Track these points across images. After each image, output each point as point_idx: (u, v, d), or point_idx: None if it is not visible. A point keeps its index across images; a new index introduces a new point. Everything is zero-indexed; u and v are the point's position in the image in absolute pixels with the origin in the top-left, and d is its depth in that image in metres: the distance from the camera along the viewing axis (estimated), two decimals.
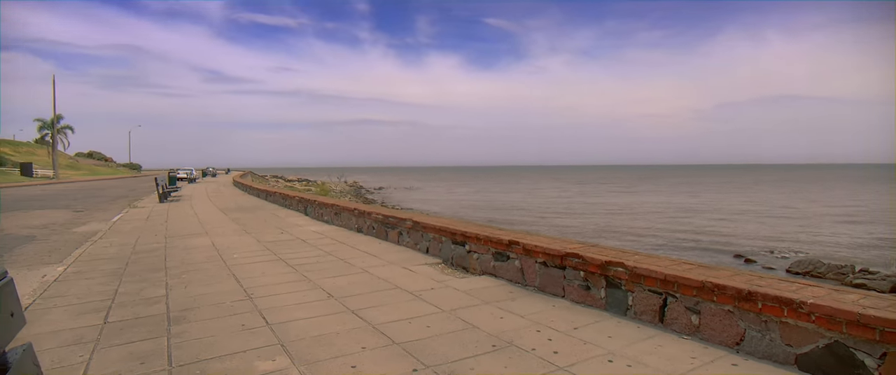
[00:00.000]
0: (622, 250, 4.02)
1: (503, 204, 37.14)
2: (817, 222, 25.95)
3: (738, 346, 2.85)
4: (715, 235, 21.10)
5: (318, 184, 24.89)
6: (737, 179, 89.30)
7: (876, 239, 20.15)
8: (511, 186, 67.37)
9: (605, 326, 3.32)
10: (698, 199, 41.89)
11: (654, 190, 57.85)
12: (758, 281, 2.93)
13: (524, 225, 22.93)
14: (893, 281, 11.29)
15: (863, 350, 2.36)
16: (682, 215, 29.39)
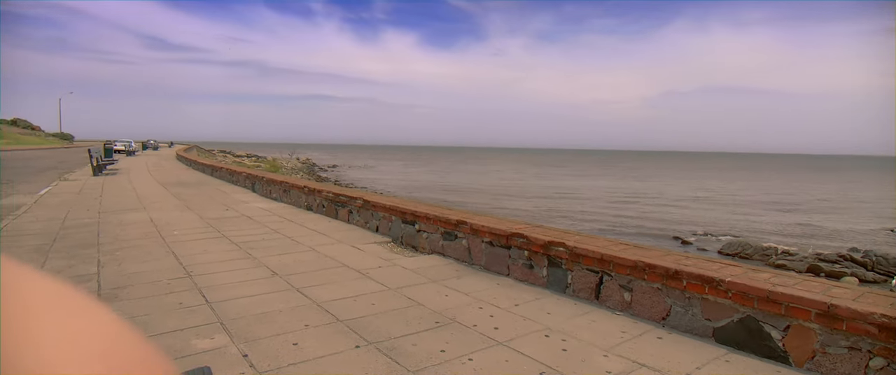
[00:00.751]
0: (564, 231, 4.16)
1: (459, 186, 37.42)
2: (752, 208, 27.79)
3: (664, 321, 3.05)
4: (657, 219, 22.20)
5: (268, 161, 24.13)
6: (682, 166, 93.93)
7: (798, 225, 21.83)
8: (468, 167, 67.88)
9: (545, 303, 3.45)
10: (645, 184, 43.79)
11: (605, 174, 59.96)
12: (684, 261, 3.12)
13: (478, 206, 23.24)
14: (809, 262, 12.32)
15: (770, 323, 2.58)
16: (629, 199, 30.68)
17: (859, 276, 11.51)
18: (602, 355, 2.62)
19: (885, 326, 2.19)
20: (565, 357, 2.60)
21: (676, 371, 2.44)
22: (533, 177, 52.07)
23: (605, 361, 2.55)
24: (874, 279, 11.65)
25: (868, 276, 11.69)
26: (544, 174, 57.80)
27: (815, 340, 2.42)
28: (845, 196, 37.46)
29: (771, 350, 2.57)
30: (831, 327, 2.37)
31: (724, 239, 16.15)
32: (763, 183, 50.66)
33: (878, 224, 22.71)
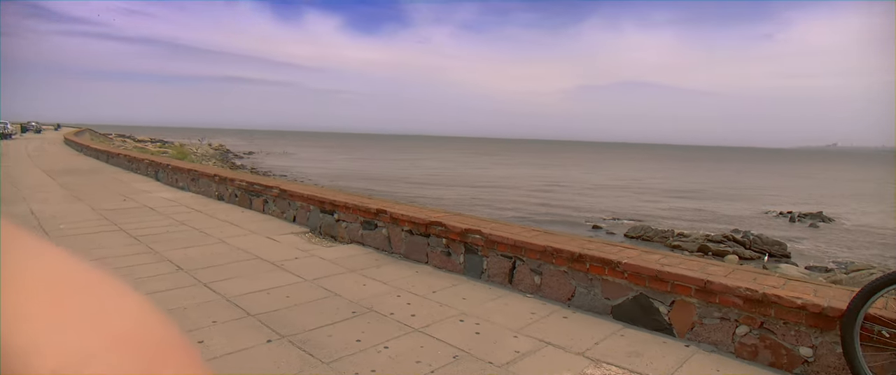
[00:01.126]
0: (481, 218, 4.30)
1: (384, 174, 37.12)
2: (656, 195, 30.26)
3: (569, 301, 3.26)
4: (574, 206, 23.53)
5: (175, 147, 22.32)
6: (597, 156, 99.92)
7: (694, 210, 24.15)
8: (395, 156, 67.47)
9: (462, 289, 3.56)
10: (564, 173, 46.12)
11: (528, 163, 62.34)
12: (588, 245, 3.35)
13: (403, 195, 23.23)
14: (700, 242, 13.71)
15: (659, 300, 2.86)
16: (549, 187, 32.17)
17: (740, 254, 13.02)
18: (512, 336, 2.76)
19: (748, 298, 2.51)
20: (478, 339, 2.71)
21: (578, 347, 2.63)
22: (460, 165, 52.92)
23: (515, 341, 2.69)
24: (751, 256, 13.24)
25: (746, 254, 13.25)
26: (471, 163, 58.95)
27: (695, 313, 2.72)
28: (734, 183, 41.97)
29: (658, 323, 2.85)
30: (707, 301, 2.67)
31: (629, 224, 17.50)
32: (667, 171, 55.38)
33: (757, 207, 25.71)
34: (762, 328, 2.50)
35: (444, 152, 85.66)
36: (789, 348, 2.42)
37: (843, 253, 15.67)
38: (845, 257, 14.73)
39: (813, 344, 2.36)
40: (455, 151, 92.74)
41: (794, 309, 2.38)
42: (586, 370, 2.38)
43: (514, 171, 46.33)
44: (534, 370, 2.37)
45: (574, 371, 2.36)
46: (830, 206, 27.10)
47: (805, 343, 2.38)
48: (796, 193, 35.18)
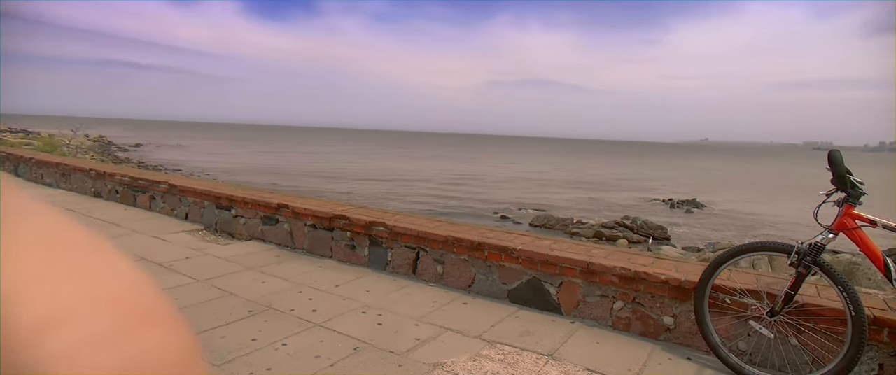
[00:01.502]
0: (386, 211, 4.31)
1: (290, 168, 35.59)
2: (559, 186, 32.19)
3: (470, 288, 3.41)
4: (483, 197, 24.31)
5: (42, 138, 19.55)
6: (506, 149, 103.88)
7: (591, 199, 26.07)
8: (303, 148, 64.87)
9: (366, 281, 3.56)
10: (475, 166, 47.37)
11: (440, 156, 63.13)
12: (487, 234, 3.52)
13: (311, 190, 22.47)
14: (595, 229, 14.88)
15: (549, 282, 3.09)
16: (460, 180, 32.88)
17: (629, 238, 14.35)
18: (414, 324, 2.83)
19: (623, 276, 2.80)
20: (380, 330, 2.74)
21: (475, 330, 2.76)
22: (371, 158, 52.22)
23: (416, 329, 2.76)
24: (639, 240, 14.64)
25: (635, 238, 14.63)
26: (383, 156, 58.40)
27: (579, 292, 2.98)
28: (625, 174, 45.91)
29: (549, 303, 3.08)
30: (590, 280, 2.94)
31: (534, 214, 18.51)
32: (568, 164, 59.14)
33: (644, 196, 28.39)
34: (634, 302, 2.81)
35: (355, 145, 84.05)
36: (656, 318, 2.74)
37: (713, 234, 17.86)
38: (714, 238, 16.81)
39: (674, 313, 2.69)
40: (367, 144, 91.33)
41: (660, 283, 2.70)
42: (482, 350, 2.52)
43: (426, 164, 46.76)
44: (433, 355, 2.46)
45: (470, 353, 2.48)
46: (703, 194, 30.73)
47: (668, 312, 2.71)
48: (675, 183, 39.41)
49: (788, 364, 2.39)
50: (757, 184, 42.86)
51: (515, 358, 2.44)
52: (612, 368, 2.38)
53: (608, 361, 2.45)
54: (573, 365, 2.39)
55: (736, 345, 2.52)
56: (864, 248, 2.16)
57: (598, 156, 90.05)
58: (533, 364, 2.39)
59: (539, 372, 2.31)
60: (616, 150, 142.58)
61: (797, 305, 2.33)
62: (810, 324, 2.32)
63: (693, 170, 58.75)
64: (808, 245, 2.23)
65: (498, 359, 2.42)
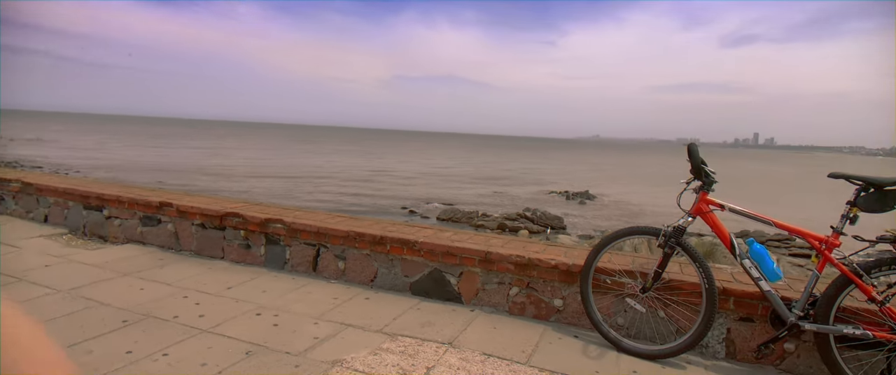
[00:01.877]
0: (284, 207, 4.12)
1: (180, 165, 32.65)
2: (465, 181, 32.97)
3: (372, 283, 3.37)
4: (389, 193, 24.18)
5: None
6: (414, 144, 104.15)
7: (495, 194, 27.09)
8: (196, 143, 59.73)
9: (262, 282, 3.37)
10: (383, 161, 46.90)
11: (348, 151, 61.63)
12: (390, 228, 3.50)
13: (202, 189, 20.81)
14: (499, 221, 15.51)
15: (450, 272, 3.16)
16: (367, 176, 32.37)
17: (529, 229, 15.16)
18: (313, 323, 2.74)
19: (518, 263, 2.95)
20: (276, 331, 2.61)
21: (377, 325, 2.75)
22: (273, 154, 49.57)
23: (315, 328, 2.67)
24: (538, 230, 15.52)
25: (534, 229, 15.49)
26: (287, 151, 55.70)
27: (478, 281, 3.08)
28: (526, 169, 48.29)
29: (450, 293, 3.15)
30: (488, 269, 3.05)
31: (441, 208, 18.82)
32: (474, 159, 60.85)
33: (543, 188, 30.10)
34: (528, 287, 2.97)
35: (256, 140, 79.22)
36: (547, 301, 2.92)
37: (603, 222, 19.48)
38: (604, 226, 18.34)
39: (563, 296, 2.89)
40: (269, 139, 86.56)
41: (550, 268, 2.88)
42: (383, 344, 2.51)
43: (333, 160, 45.47)
44: (332, 352, 2.40)
45: (371, 348, 2.46)
46: (594, 186, 33.35)
47: (558, 295, 2.90)
48: (571, 176, 42.33)
49: (657, 335, 2.68)
50: (640, 177, 47.48)
51: (416, 349, 2.47)
52: (507, 351, 2.50)
53: (504, 345, 2.57)
54: (471, 351, 2.47)
55: (615, 321, 2.77)
56: (715, 229, 2.48)
57: (502, 151, 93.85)
58: (433, 353, 2.43)
59: (439, 361, 2.36)
60: (518, 146, 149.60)
61: (664, 282, 2.62)
62: (675, 298, 2.62)
63: (586, 165, 63.53)
64: (673, 227, 2.51)
65: (398, 351, 2.43)
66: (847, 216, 2.20)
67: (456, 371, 2.26)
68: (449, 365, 2.32)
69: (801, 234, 2.31)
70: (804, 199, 30.21)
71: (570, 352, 2.53)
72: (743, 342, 2.53)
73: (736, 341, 2.54)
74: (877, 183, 2.14)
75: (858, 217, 2.19)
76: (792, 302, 2.31)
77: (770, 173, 69.75)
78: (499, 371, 2.29)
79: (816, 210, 20.29)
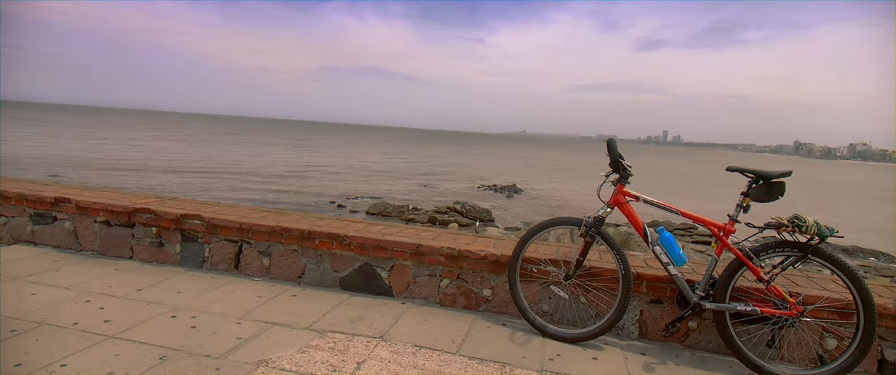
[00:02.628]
0: (202, 202, 3.87)
1: (85, 159, 29.59)
2: (395, 175, 32.74)
3: (300, 279, 3.27)
4: (317, 188, 23.48)
5: None
6: (342, 137, 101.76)
7: (425, 187, 27.18)
8: (102, 134, 54.26)
9: (177, 282, 3.15)
10: (311, 154, 45.37)
11: (272, 143, 58.95)
12: (318, 223, 3.40)
13: (109, 186, 19.03)
14: (429, 214, 15.60)
15: (381, 266, 3.13)
16: (296, 169, 31.18)
17: (459, 222, 15.39)
18: (235, 323, 2.60)
19: (449, 255, 2.98)
20: (194, 333, 2.45)
21: (305, 322, 2.66)
22: (190, 146, 46.29)
23: (238, 328, 2.54)
24: (468, 223, 15.80)
25: (464, 221, 15.76)
26: (207, 143, 52.24)
27: (410, 274, 3.09)
28: (457, 163, 48.91)
29: (381, 287, 3.12)
30: (419, 262, 3.06)
31: (370, 202, 18.59)
32: (405, 153, 60.62)
33: (472, 182, 30.66)
34: (459, 278, 3.02)
35: (173, 131, 73.48)
36: (476, 291, 2.99)
37: (530, 214, 20.22)
38: (530, 217, 19.05)
39: (492, 286, 2.97)
40: (187, 130, 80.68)
41: (480, 259, 2.94)
42: (312, 341, 2.44)
43: (257, 153, 43.34)
44: (257, 352, 2.30)
45: (299, 346, 2.38)
46: (521, 180, 34.51)
47: (487, 285, 2.98)
48: (499, 170, 43.50)
49: (579, 319, 2.83)
50: (564, 170, 49.79)
51: (346, 345, 2.42)
52: (437, 342, 2.53)
53: (434, 336, 2.59)
54: (402, 344, 2.47)
55: (541, 308, 2.90)
56: (631, 219, 2.66)
57: (431, 145, 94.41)
58: (363, 347, 2.41)
59: (370, 355, 2.33)
60: (447, 140, 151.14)
61: (585, 269, 2.77)
62: (595, 284, 2.78)
63: (513, 160, 65.54)
64: (593, 218, 2.66)
65: (328, 348, 2.38)
66: (741, 205, 2.45)
67: (387, 365, 2.26)
68: (380, 359, 2.30)
69: (703, 222, 2.54)
70: (706, 190, 33.29)
71: (499, 340, 2.61)
72: (653, 322, 2.74)
73: (648, 321, 2.75)
74: (765, 175, 2.40)
75: (750, 206, 2.44)
76: (695, 284, 2.54)
77: (678, 167, 76.03)
78: (430, 362, 2.32)
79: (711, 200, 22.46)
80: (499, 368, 2.31)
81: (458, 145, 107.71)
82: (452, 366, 2.29)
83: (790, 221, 2.33)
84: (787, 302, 2.39)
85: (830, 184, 61.60)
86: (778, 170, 2.39)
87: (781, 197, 2.39)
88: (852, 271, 2.29)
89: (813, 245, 2.31)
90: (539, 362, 2.40)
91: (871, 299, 2.26)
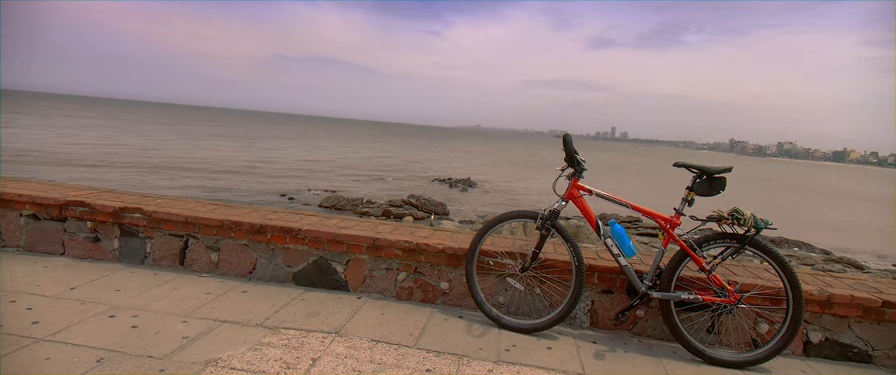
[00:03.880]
0: (143, 194, 3.65)
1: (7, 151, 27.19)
2: (351, 167, 32.20)
3: (250, 275, 3.15)
4: (269, 179, 22.74)
5: None
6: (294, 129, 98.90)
7: (379, 180, 26.91)
8: (33, 122, 49.99)
9: (116, 279, 2.96)
10: (261, 147, 43.83)
11: (222, 135, 56.47)
12: (270, 216, 3.29)
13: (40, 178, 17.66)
14: (384, 207, 15.47)
15: (336, 260, 3.07)
16: (244, 162, 30.03)
17: (414, 216, 15.36)
18: (181, 321, 2.48)
19: (406, 248, 2.96)
20: (135, 334, 2.31)
21: (256, 319, 2.57)
22: (127, 137, 43.60)
23: (184, 327, 2.42)
24: (423, 216, 15.80)
25: (419, 215, 15.74)
26: (149, 134, 49.34)
27: (366, 268, 3.04)
28: (412, 156, 48.72)
29: (336, 282, 3.06)
30: (376, 255, 3.02)
31: (324, 195, 18.21)
32: (361, 145, 59.74)
33: (427, 176, 30.65)
34: (416, 272, 3.01)
35: (107, 119, 68.82)
36: (434, 284, 2.99)
37: (484, 208, 20.46)
38: (485, 211, 19.28)
39: (449, 279, 2.98)
40: (123, 119, 75.81)
41: (438, 252, 2.94)
42: (264, 339, 2.36)
43: (205, 144, 41.41)
44: (205, 352, 2.19)
45: (250, 344, 2.30)
46: (476, 173, 34.86)
47: (444, 278, 2.99)
48: (454, 164, 43.72)
49: (534, 310, 2.89)
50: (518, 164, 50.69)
51: (300, 341, 2.36)
52: (394, 336, 2.51)
53: (391, 330, 2.57)
54: (359, 339, 2.44)
55: (497, 300, 2.94)
56: (584, 212, 2.74)
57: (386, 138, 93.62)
58: (319, 343, 2.35)
59: (325, 351, 2.29)
60: (402, 133, 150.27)
61: (541, 261, 2.83)
62: (549, 276, 2.85)
63: (468, 153, 66.06)
64: (549, 211, 2.72)
65: (281, 345, 2.31)
66: (686, 199, 2.57)
67: (343, 360, 2.22)
68: (336, 355, 2.26)
69: (651, 215, 2.65)
70: (652, 185, 34.87)
71: (456, 332, 2.62)
72: (604, 311, 2.85)
73: (599, 311, 2.85)
74: (708, 171, 2.54)
75: (694, 200, 2.57)
76: (643, 274, 2.65)
77: (625, 163, 79.19)
78: (387, 356, 2.30)
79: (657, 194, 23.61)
80: (456, 360, 2.32)
81: (414, 138, 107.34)
82: (410, 360, 2.28)
83: (730, 214, 2.47)
84: (726, 290, 2.54)
85: (764, 179, 66.14)
86: (719, 166, 2.52)
87: (723, 192, 2.53)
88: (784, 261, 2.46)
89: (750, 236, 2.47)
90: (495, 353, 2.43)
91: (799, 286, 2.44)
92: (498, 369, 2.28)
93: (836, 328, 2.66)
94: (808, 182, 71.86)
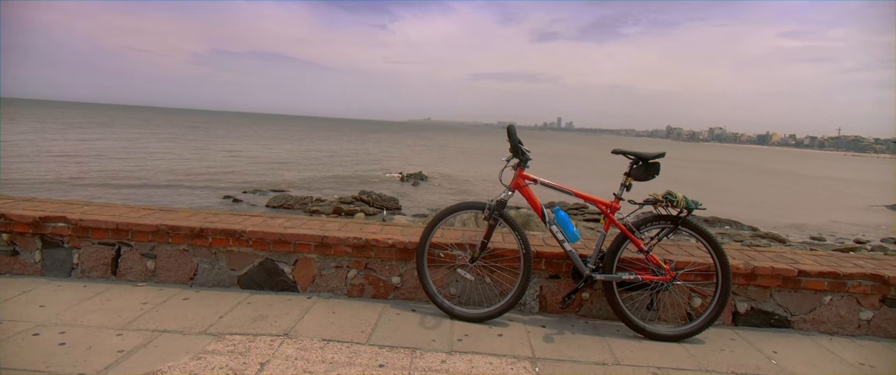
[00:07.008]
0: (67, 202, 3.40)
1: None
2: (297, 165, 31.30)
3: (191, 281, 3.01)
4: (211, 181, 21.73)
5: None
6: (239, 128, 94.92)
7: (326, 178, 26.36)
8: None
9: (38, 294, 2.74)
10: (201, 146, 41.77)
11: (157, 134, 53.33)
12: (211, 219, 3.15)
13: None
14: (335, 205, 15.19)
15: (283, 261, 2.99)
16: (182, 162, 28.53)
17: (365, 212, 15.19)
18: (116, 335, 2.33)
19: (355, 245, 2.93)
20: (64, 351, 2.16)
21: (199, 326, 2.47)
22: (51, 137, 40.33)
23: (119, 340, 2.28)
24: (375, 212, 15.65)
25: (371, 211, 15.58)
26: (75, 134, 45.79)
27: (315, 267, 2.98)
28: (361, 151, 48.04)
29: (284, 283, 2.99)
30: (325, 254, 2.97)
31: (271, 195, 17.63)
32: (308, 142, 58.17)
33: (378, 171, 30.35)
34: (366, 268, 2.98)
35: (27, 122, 63.17)
36: (385, 280, 2.98)
37: (436, 201, 20.53)
38: (437, 204, 19.35)
39: (401, 273, 2.98)
40: (44, 118, 69.83)
41: (388, 247, 2.93)
42: (208, 346, 2.27)
43: (138, 147, 38.95)
44: (143, 364, 2.08)
45: (194, 353, 2.20)
46: (427, 167, 34.88)
47: (396, 273, 2.98)
48: (405, 158, 43.54)
49: (485, 299, 2.95)
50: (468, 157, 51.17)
51: (247, 346, 2.29)
52: (346, 334, 2.48)
53: (343, 328, 2.54)
54: (309, 339, 2.39)
55: (448, 291, 2.97)
56: (530, 201, 2.81)
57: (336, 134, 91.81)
58: (267, 347, 2.29)
59: (274, 354, 2.23)
60: (351, 128, 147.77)
61: (490, 251, 2.88)
62: (499, 265, 2.91)
63: (419, 147, 65.94)
64: (496, 201, 2.77)
65: (227, 351, 2.22)
66: (624, 184, 2.69)
67: (294, 362, 2.17)
68: (286, 357, 2.21)
69: (593, 201, 2.75)
70: (594, 172, 36.21)
71: (409, 326, 2.63)
72: (552, 296, 2.94)
73: (547, 296, 2.94)
74: (644, 157, 2.66)
75: (632, 185, 2.70)
76: (587, 258, 2.76)
77: (570, 151, 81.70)
78: (339, 354, 2.27)
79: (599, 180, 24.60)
80: (409, 353, 2.33)
81: (364, 133, 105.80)
82: (362, 356, 2.27)
83: (664, 197, 2.62)
84: (663, 268, 2.69)
85: (699, 161, 70.24)
86: (654, 152, 2.66)
87: (658, 176, 2.67)
88: (713, 238, 2.64)
89: (682, 217, 2.62)
90: (448, 344, 2.46)
91: (727, 262, 2.62)
92: (451, 359, 2.31)
93: (760, 298, 2.89)
94: (737, 163, 77.08)
